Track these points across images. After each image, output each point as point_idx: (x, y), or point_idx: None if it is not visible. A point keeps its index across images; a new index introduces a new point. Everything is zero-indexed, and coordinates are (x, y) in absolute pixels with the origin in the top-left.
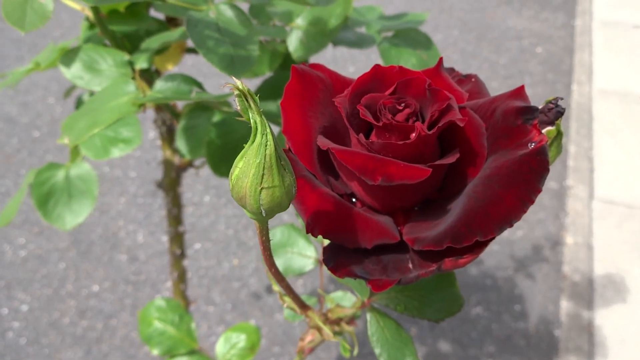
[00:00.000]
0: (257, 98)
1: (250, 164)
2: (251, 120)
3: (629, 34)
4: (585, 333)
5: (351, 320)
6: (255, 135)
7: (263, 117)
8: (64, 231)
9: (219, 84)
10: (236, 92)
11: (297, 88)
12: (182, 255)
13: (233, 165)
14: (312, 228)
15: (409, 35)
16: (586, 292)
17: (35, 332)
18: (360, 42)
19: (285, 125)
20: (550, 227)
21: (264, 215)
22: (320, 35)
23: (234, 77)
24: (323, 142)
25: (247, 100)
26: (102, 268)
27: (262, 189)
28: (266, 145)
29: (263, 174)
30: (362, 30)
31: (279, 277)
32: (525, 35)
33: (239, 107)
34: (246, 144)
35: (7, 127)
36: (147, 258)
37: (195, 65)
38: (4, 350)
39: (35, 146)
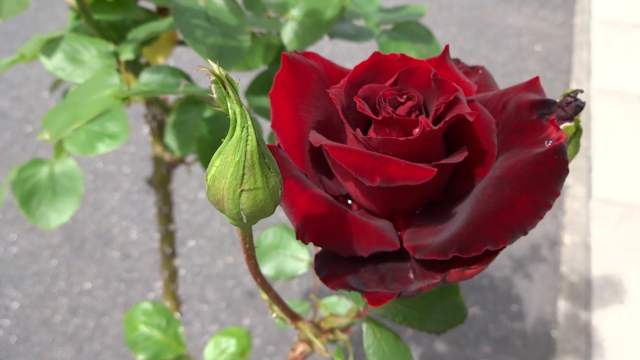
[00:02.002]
0: (236, 85)
1: (229, 162)
2: (229, 111)
3: (628, 33)
4: (582, 334)
5: (347, 327)
6: (234, 128)
7: (244, 107)
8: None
9: None
10: (212, 78)
11: (288, 78)
12: (173, 254)
13: (209, 164)
14: (303, 234)
15: (409, 28)
16: (584, 293)
17: (26, 330)
18: (358, 35)
19: (275, 118)
20: (548, 226)
21: (245, 221)
22: (316, 27)
23: (209, 61)
24: (315, 138)
25: (224, 87)
26: (94, 265)
27: (242, 191)
28: (247, 140)
29: (243, 174)
30: (360, 22)
31: (266, 287)
32: (524, 33)
33: (215, 96)
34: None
35: (0, 122)
36: (140, 255)
37: (192, 60)
38: None
39: (27, 141)
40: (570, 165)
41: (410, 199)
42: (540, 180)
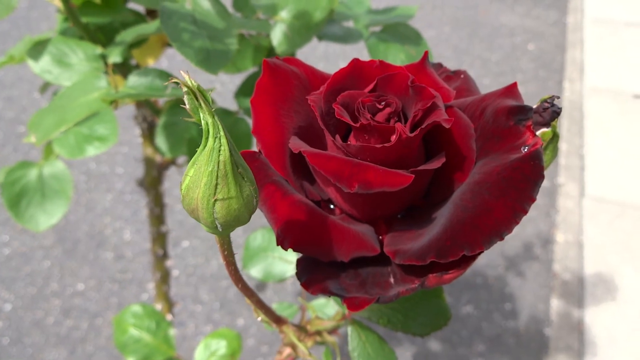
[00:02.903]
0: (208, 96)
1: (202, 172)
2: (202, 122)
3: (620, 31)
4: (575, 332)
5: (333, 329)
6: (206, 139)
7: (216, 118)
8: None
9: (209, 80)
10: (184, 89)
11: (269, 84)
12: (165, 256)
13: (184, 174)
14: (283, 240)
15: (398, 30)
16: (576, 291)
17: (18, 332)
18: (347, 37)
19: (256, 124)
20: (541, 224)
21: (220, 230)
22: (305, 29)
23: (181, 72)
24: (295, 145)
25: (197, 98)
26: (87, 266)
27: (215, 200)
28: (220, 151)
29: (217, 184)
30: (350, 24)
31: (248, 292)
32: (517, 32)
33: (187, 106)
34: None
35: None
36: (133, 256)
37: (185, 60)
38: None
39: (20, 142)
40: (563, 164)
41: (391, 205)
42: (517, 186)
